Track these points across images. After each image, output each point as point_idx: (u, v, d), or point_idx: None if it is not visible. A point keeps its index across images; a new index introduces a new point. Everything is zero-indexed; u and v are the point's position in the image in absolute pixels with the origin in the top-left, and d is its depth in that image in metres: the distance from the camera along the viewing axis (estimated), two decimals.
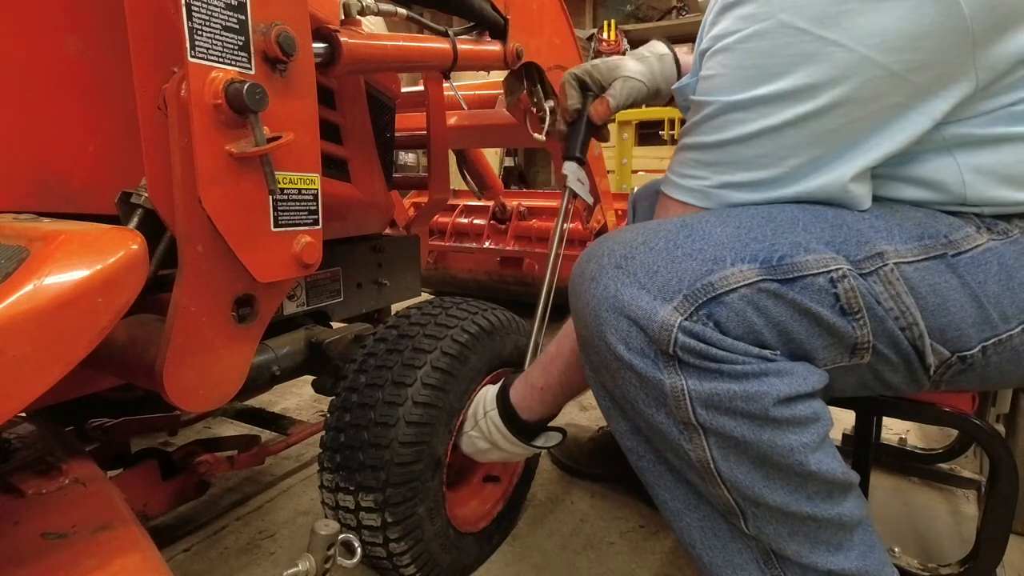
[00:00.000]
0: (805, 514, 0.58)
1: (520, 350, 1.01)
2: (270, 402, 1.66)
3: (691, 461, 0.58)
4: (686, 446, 0.57)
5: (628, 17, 6.15)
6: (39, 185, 0.71)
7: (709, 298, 0.54)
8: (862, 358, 0.59)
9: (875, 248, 0.58)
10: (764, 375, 0.54)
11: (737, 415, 0.54)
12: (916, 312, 0.58)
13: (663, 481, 0.64)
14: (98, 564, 0.54)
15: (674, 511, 0.64)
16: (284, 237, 0.69)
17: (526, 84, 1.26)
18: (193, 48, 0.57)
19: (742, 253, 0.56)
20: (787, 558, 0.60)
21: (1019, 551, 1.04)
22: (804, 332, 0.56)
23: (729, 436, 0.55)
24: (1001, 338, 0.60)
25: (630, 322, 0.55)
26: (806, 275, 0.56)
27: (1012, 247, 0.61)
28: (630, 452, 0.66)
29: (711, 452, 0.57)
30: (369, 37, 0.84)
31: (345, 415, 0.84)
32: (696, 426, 0.56)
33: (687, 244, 0.57)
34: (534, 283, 2.27)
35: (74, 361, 0.47)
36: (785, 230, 0.58)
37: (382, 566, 0.86)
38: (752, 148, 0.61)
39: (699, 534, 0.64)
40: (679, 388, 0.55)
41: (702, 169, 0.65)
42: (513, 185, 5.45)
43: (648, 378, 0.56)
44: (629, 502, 1.18)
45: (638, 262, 0.57)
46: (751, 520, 0.60)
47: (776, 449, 0.55)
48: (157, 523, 1.07)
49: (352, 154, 1.08)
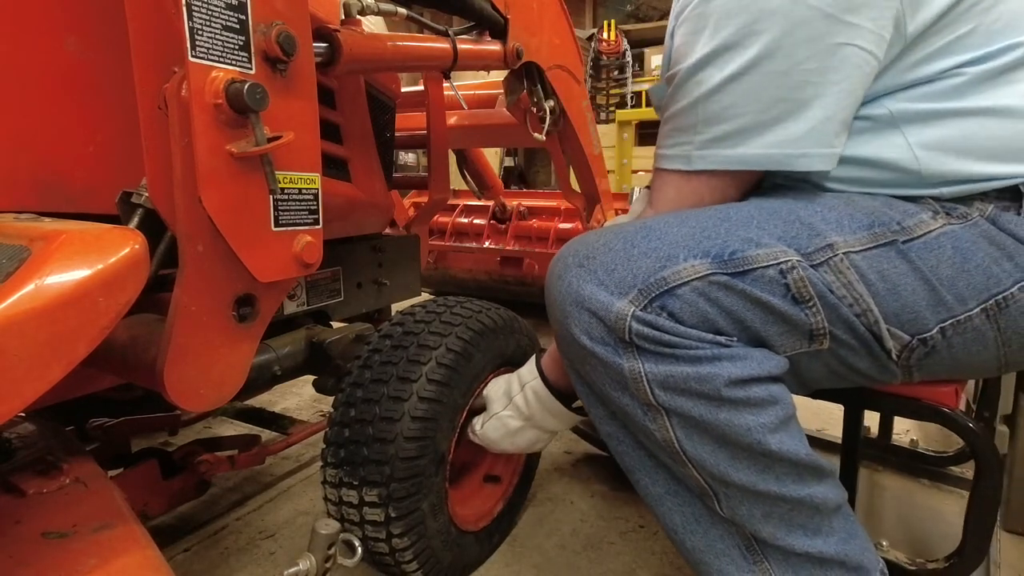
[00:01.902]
0: (774, 494, 0.61)
1: (522, 349, 1.01)
2: (270, 402, 1.66)
3: (658, 441, 0.63)
4: (651, 426, 0.62)
5: (628, 17, 6.16)
6: (40, 185, 0.71)
7: (662, 291, 0.59)
8: (821, 344, 0.63)
9: (825, 240, 0.62)
10: (717, 359, 0.59)
11: (692, 395, 0.59)
12: (869, 299, 0.61)
13: (642, 466, 0.68)
14: (99, 563, 0.54)
15: (655, 496, 0.68)
16: (284, 237, 0.69)
17: (526, 84, 1.26)
18: (194, 48, 0.57)
19: (695, 250, 0.61)
20: (765, 541, 0.63)
21: (1019, 551, 1.04)
22: (758, 320, 0.61)
23: (688, 416, 0.60)
24: (959, 319, 0.62)
25: (591, 314, 0.61)
26: (756, 268, 0.60)
27: (971, 230, 0.62)
28: (609, 438, 0.69)
29: (675, 432, 0.61)
30: (369, 37, 0.84)
31: (350, 410, 0.84)
32: (657, 407, 0.61)
33: (643, 244, 0.62)
34: (534, 283, 2.27)
35: (75, 361, 0.47)
36: (739, 228, 0.62)
37: (384, 562, 0.87)
38: (719, 100, 0.65)
39: (680, 519, 0.67)
40: (637, 371, 0.60)
41: (682, 135, 0.69)
42: (513, 185, 5.46)
43: (609, 364, 0.61)
44: (629, 502, 1.18)
45: (598, 262, 0.63)
46: (724, 501, 0.63)
47: (733, 428, 0.59)
48: (157, 523, 1.08)
49: (352, 154, 1.08)
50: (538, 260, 2.21)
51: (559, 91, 1.31)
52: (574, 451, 1.40)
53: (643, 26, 5.76)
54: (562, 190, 1.91)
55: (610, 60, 6.00)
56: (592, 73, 6.03)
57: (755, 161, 0.65)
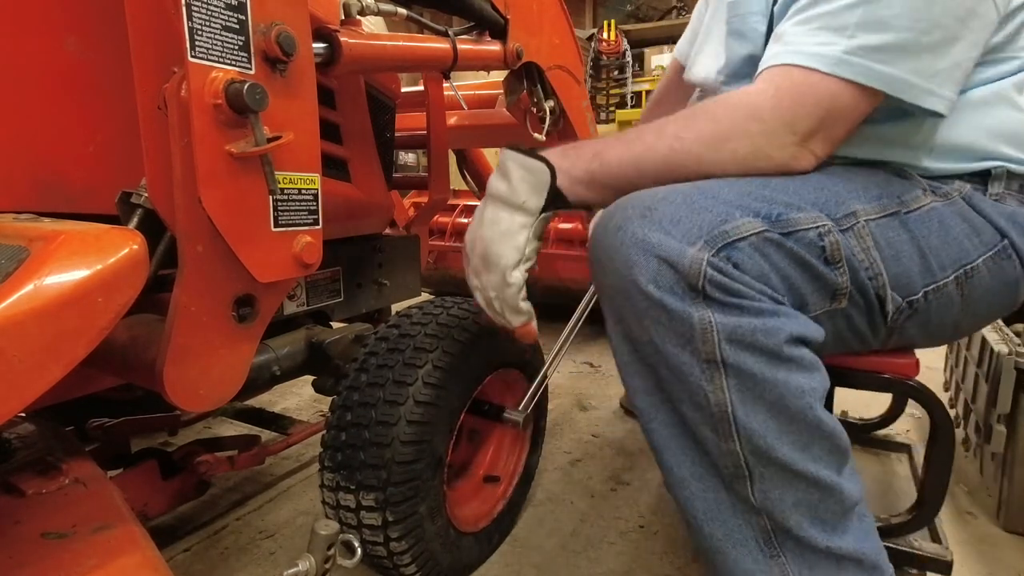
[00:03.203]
0: (810, 476, 0.61)
1: (521, 350, 1.01)
2: (270, 402, 1.66)
3: (709, 407, 0.60)
4: (707, 387, 0.60)
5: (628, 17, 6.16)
6: (39, 185, 0.71)
7: (726, 243, 0.59)
8: (840, 303, 0.67)
9: (850, 208, 0.66)
10: (776, 314, 0.59)
11: (756, 350, 0.58)
12: (880, 263, 0.67)
13: (672, 445, 0.65)
14: (98, 564, 0.54)
15: (679, 479, 0.65)
16: (284, 237, 0.69)
17: (526, 84, 1.26)
18: (193, 48, 0.57)
19: (747, 210, 0.61)
20: (788, 532, 0.62)
21: (1019, 551, 1.04)
22: (800, 279, 0.63)
23: (748, 373, 0.58)
24: (939, 284, 0.70)
25: (660, 261, 0.59)
26: (799, 230, 0.63)
27: (951, 207, 0.71)
28: (643, 413, 0.67)
29: (730, 395, 0.59)
30: (369, 37, 0.84)
31: (347, 414, 0.84)
32: (719, 364, 0.59)
33: (701, 200, 0.62)
34: (534, 283, 2.27)
35: (74, 361, 0.47)
36: (779, 193, 0.64)
37: (382, 565, 0.86)
38: (886, 6, 0.62)
39: (702, 504, 0.65)
40: (707, 321, 0.58)
41: (830, 34, 0.64)
42: None
43: (677, 313, 0.58)
44: (629, 502, 1.18)
45: (661, 212, 0.61)
46: (758, 483, 0.62)
47: (789, 390, 0.59)
48: (157, 523, 1.07)
49: (352, 154, 1.08)
50: (538, 260, 2.21)
51: (559, 91, 1.31)
52: (574, 451, 1.40)
53: (643, 26, 5.76)
54: None
55: (610, 60, 6.00)
56: (592, 73, 6.03)
57: (896, 84, 0.63)
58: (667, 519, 1.12)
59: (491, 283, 0.74)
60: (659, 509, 1.16)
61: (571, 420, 1.58)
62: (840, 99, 0.64)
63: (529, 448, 1.12)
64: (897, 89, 0.64)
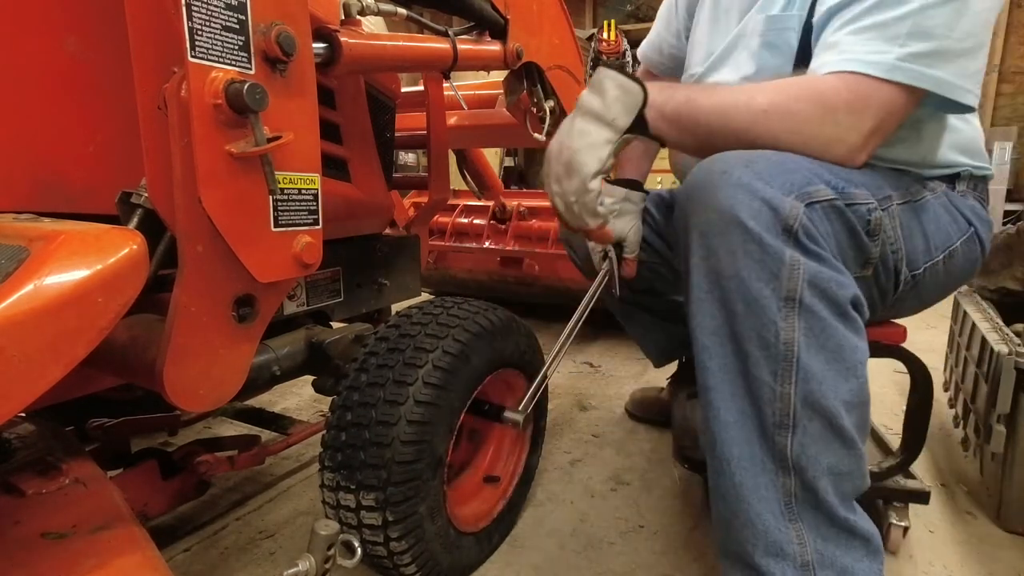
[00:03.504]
0: (847, 436, 0.67)
1: (521, 349, 1.01)
2: (270, 402, 1.66)
3: (777, 344, 0.65)
4: (780, 324, 0.65)
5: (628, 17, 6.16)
6: (39, 185, 0.71)
7: (810, 201, 0.67)
8: (868, 272, 0.78)
9: (885, 192, 0.78)
10: (842, 273, 0.67)
11: (828, 300, 0.65)
12: (901, 240, 0.80)
13: (725, 385, 0.69)
14: (98, 564, 0.54)
15: (723, 422, 0.69)
16: (284, 237, 0.69)
17: (526, 84, 1.26)
18: (193, 48, 0.57)
19: (822, 179, 0.70)
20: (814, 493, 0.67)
21: (1019, 551, 1.04)
22: (848, 245, 0.72)
23: (818, 319, 0.65)
24: (934, 262, 0.86)
25: (762, 202, 0.65)
26: (855, 203, 0.72)
27: (937, 200, 0.87)
28: (704, 350, 0.70)
29: (799, 335, 0.65)
30: (369, 37, 0.84)
31: (347, 414, 0.84)
32: (796, 303, 0.65)
33: (790, 163, 0.70)
34: (534, 283, 2.27)
35: (74, 361, 0.47)
36: (839, 172, 0.73)
37: (382, 565, 0.86)
38: (931, 18, 0.70)
39: (738, 450, 0.69)
40: (796, 261, 0.65)
41: (882, 43, 0.71)
42: (513, 185, 5.45)
43: (772, 249, 0.65)
44: (629, 502, 1.18)
45: (760, 165, 0.68)
46: (799, 435, 0.66)
47: (848, 344, 0.66)
48: (157, 523, 1.07)
49: (352, 154, 1.08)
50: (538, 260, 2.21)
51: (559, 91, 1.31)
52: (574, 451, 1.40)
53: (643, 26, 5.76)
54: None
55: (610, 60, 5.99)
56: (592, 73, 6.01)
57: (943, 85, 0.71)
58: (667, 519, 1.12)
59: (572, 188, 0.79)
60: (659, 509, 1.16)
61: (571, 420, 1.58)
62: (896, 101, 0.72)
63: (529, 448, 1.12)
64: (944, 89, 0.72)
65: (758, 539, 0.68)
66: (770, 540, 0.68)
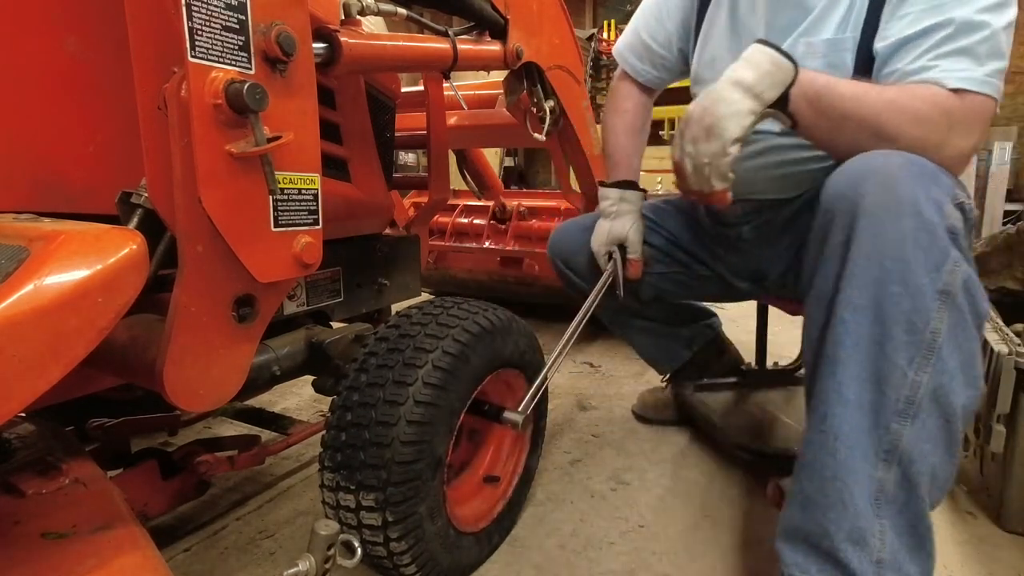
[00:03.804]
0: (955, 442, 0.70)
1: (520, 349, 1.01)
2: (270, 402, 1.66)
3: (924, 331, 0.68)
4: (933, 314, 0.68)
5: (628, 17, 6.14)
6: (39, 185, 0.71)
7: (960, 205, 0.73)
8: None
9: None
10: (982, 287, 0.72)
11: (972, 307, 0.70)
12: None
13: (852, 363, 0.71)
14: (98, 564, 0.54)
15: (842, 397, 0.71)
16: (284, 237, 0.69)
17: (526, 84, 1.26)
18: (193, 48, 0.57)
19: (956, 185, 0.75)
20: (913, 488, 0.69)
21: (1019, 551, 1.04)
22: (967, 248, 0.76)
23: (963, 318, 0.69)
24: None
25: (934, 201, 0.69)
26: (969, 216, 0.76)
27: None
28: (841, 323, 0.72)
29: (945, 329, 0.68)
30: (369, 37, 0.84)
31: (346, 414, 0.84)
32: (951, 296, 0.69)
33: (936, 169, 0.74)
34: (534, 283, 2.27)
35: (74, 361, 0.47)
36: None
37: (382, 565, 0.86)
38: (1002, 42, 0.78)
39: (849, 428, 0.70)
40: (958, 260, 0.69)
41: (969, 61, 0.78)
42: (513, 185, 5.45)
43: (941, 244, 0.69)
44: (629, 502, 1.18)
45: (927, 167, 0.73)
46: (917, 428, 0.69)
47: (977, 353, 0.71)
48: (157, 523, 1.07)
49: (352, 154, 1.08)
50: (538, 260, 2.21)
51: (559, 91, 1.31)
52: (574, 451, 1.40)
53: None
54: (562, 190, 1.91)
55: (610, 60, 6.00)
56: (592, 73, 6.03)
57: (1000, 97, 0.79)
58: (667, 519, 1.12)
59: (709, 150, 0.82)
60: (659, 509, 1.16)
61: (571, 420, 1.58)
62: (988, 112, 0.79)
63: (529, 448, 1.12)
64: (1000, 100, 0.79)
65: (844, 522, 0.69)
66: (856, 526, 0.69)
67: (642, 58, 1.26)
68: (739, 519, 1.12)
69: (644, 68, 1.26)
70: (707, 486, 1.24)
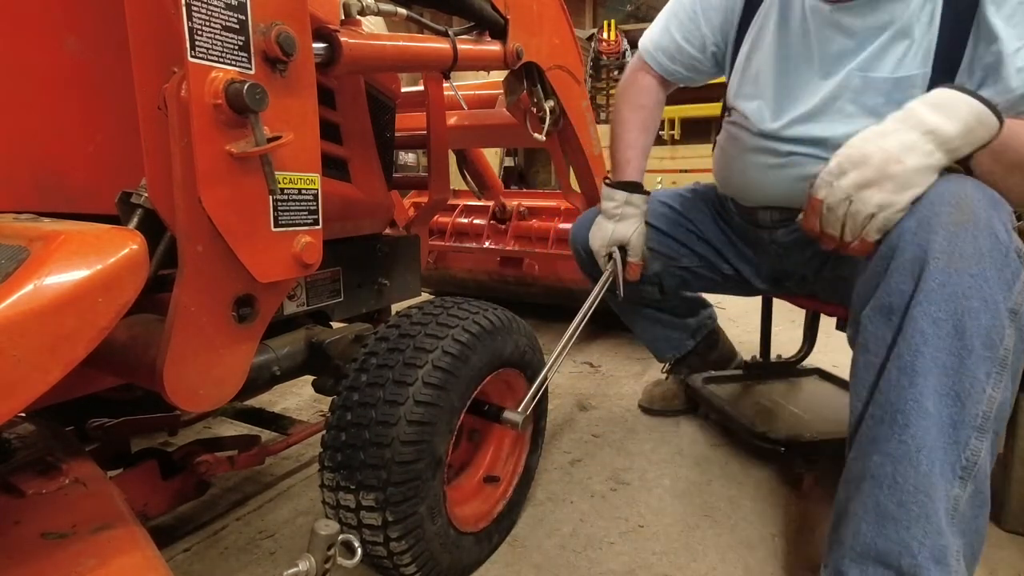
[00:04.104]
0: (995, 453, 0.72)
1: (521, 349, 1.01)
2: (270, 402, 1.66)
3: (1000, 347, 0.69)
4: (1007, 331, 0.69)
5: (628, 17, 6.17)
6: (39, 185, 0.71)
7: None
8: None
9: None
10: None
11: None
12: None
13: (933, 376, 0.69)
14: (98, 564, 0.54)
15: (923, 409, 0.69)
16: (284, 237, 0.69)
17: (526, 84, 1.26)
18: (193, 48, 0.57)
19: None
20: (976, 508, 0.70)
21: (1019, 551, 1.04)
22: None
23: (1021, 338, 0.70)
24: None
25: (1005, 225, 0.71)
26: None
27: None
28: (920, 334, 0.70)
29: (1015, 347, 0.69)
30: (369, 37, 0.84)
31: (346, 414, 0.84)
32: (1019, 316, 0.69)
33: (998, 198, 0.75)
34: (534, 283, 2.27)
35: (74, 361, 0.47)
36: None
37: (382, 565, 0.86)
38: None
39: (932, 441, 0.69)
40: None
41: None
42: (513, 185, 5.46)
43: (1013, 264, 0.69)
44: (629, 502, 1.18)
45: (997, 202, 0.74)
46: (988, 443, 0.69)
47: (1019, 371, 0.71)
48: (157, 523, 1.07)
49: (352, 154, 1.08)
50: (538, 260, 2.21)
51: (559, 91, 1.31)
52: (574, 451, 1.40)
53: (643, 26, 5.76)
54: (562, 190, 1.91)
55: (610, 60, 6.00)
56: (592, 73, 6.03)
57: None
58: (667, 519, 1.12)
59: (882, 201, 0.74)
60: (659, 509, 1.16)
61: (571, 420, 1.58)
62: None
63: (529, 448, 1.12)
64: None
65: (927, 538, 0.67)
66: (939, 544, 0.67)
67: (674, 59, 1.24)
68: (739, 519, 1.12)
69: (675, 69, 1.25)
70: (707, 486, 1.24)
